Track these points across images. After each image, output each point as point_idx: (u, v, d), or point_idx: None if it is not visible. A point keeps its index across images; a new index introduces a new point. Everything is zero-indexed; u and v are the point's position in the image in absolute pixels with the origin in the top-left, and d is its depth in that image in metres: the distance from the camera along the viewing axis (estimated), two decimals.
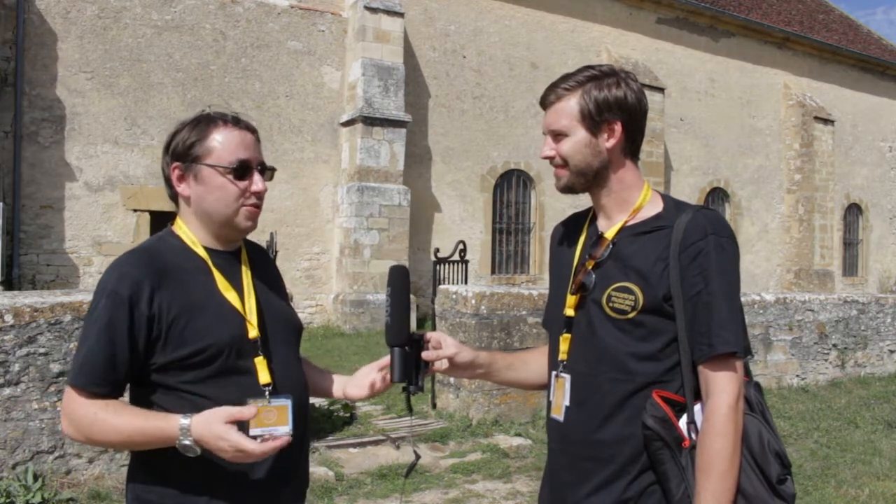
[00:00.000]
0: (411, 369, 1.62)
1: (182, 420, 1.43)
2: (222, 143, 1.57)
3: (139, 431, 1.45)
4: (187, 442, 1.43)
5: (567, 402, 1.59)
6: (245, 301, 1.60)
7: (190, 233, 1.62)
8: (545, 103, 1.63)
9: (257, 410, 1.48)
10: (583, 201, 1.61)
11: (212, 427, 1.42)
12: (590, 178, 1.60)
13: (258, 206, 1.62)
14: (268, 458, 1.54)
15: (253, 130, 1.64)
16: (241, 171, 1.57)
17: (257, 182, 1.59)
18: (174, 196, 1.64)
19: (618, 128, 1.57)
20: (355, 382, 1.77)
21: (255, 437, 1.51)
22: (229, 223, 1.60)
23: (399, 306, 1.61)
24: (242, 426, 1.50)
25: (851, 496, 4.65)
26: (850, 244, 21.37)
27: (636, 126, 1.60)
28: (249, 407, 1.47)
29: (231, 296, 1.58)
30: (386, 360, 1.67)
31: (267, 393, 1.55)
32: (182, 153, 1.58)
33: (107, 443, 1.54)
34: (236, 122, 1.61)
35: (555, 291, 1.72)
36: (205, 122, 1.60)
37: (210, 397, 1.51)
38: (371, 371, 1.75)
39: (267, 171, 1.63)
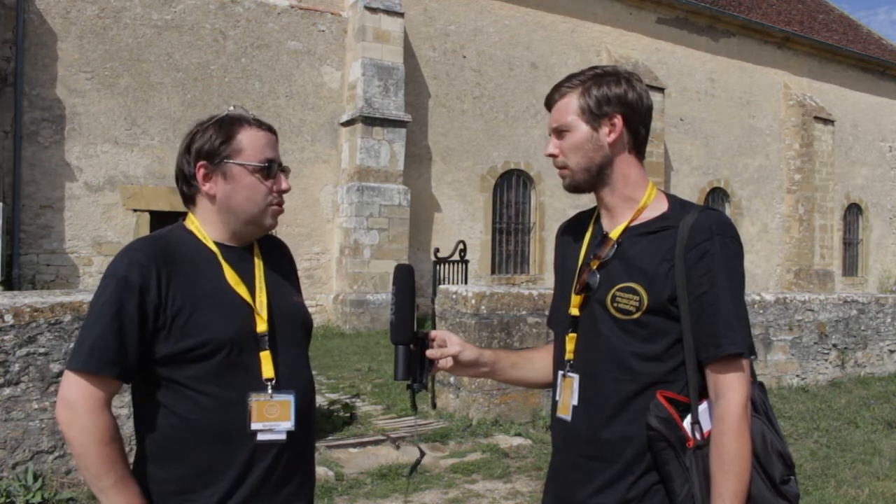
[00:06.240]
0: (415, 367, 1.63)
1: None
2: (250, 143, 1.60)
3: (104, 494, 1.44)
4: None
5: (575, 402, 1.59)
6: (256, 295, 1.61)
7: (202, 228, 1.63)
8: (549, 102, 1.63)
9: None
10: (584, 201, 1.60)
11: None
12: (593, 175, 1.59)
13: (281, 205, 1.65)
14: (274, 455, 1.55)
15: (273, 131, 1.67)
16: (269, 170, 1.61)
17: (283, 181, 1.63)
18: (191, 195, 1.64)
19: (618, 121, 1.56)
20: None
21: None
22: (255, 221, 1.62)
23: (404, 305, 1.62)
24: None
25: (851, 496, 4.64)
26: (850, 244, 21.36)
27: (639, 121, 1.59)
28: None
29: (241, 289, 1.59)
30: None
31: (269, 387, 1.55)
32: (210, 152, 1.59)
33: (82, 462, 1.45)
34: (258, 123, 1.64)
35: (560, 290, 1.72)
36: (229, 123, 1.61)
37: (212, 395, 1.51)
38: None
39: (285, 171, 1.66)
